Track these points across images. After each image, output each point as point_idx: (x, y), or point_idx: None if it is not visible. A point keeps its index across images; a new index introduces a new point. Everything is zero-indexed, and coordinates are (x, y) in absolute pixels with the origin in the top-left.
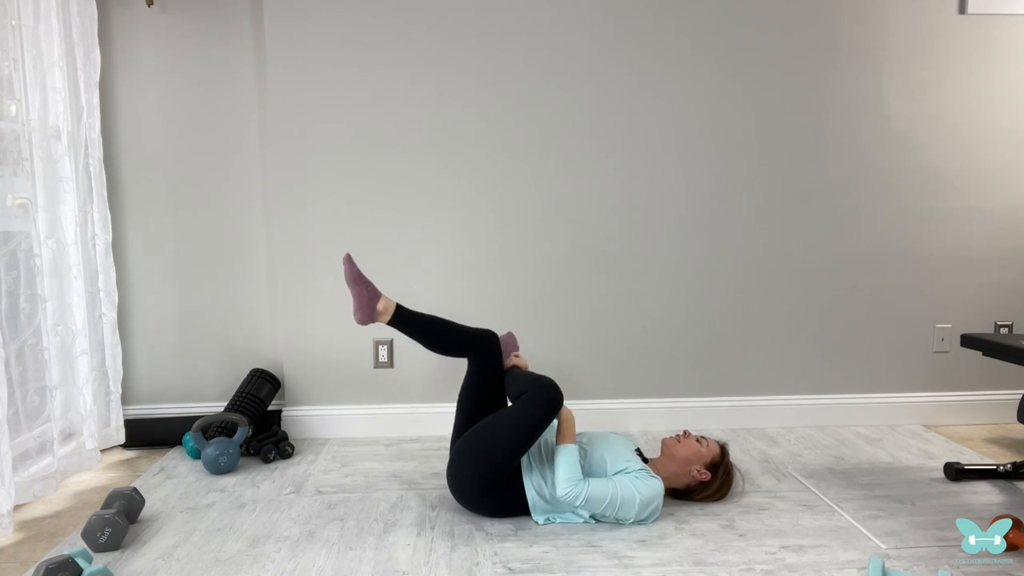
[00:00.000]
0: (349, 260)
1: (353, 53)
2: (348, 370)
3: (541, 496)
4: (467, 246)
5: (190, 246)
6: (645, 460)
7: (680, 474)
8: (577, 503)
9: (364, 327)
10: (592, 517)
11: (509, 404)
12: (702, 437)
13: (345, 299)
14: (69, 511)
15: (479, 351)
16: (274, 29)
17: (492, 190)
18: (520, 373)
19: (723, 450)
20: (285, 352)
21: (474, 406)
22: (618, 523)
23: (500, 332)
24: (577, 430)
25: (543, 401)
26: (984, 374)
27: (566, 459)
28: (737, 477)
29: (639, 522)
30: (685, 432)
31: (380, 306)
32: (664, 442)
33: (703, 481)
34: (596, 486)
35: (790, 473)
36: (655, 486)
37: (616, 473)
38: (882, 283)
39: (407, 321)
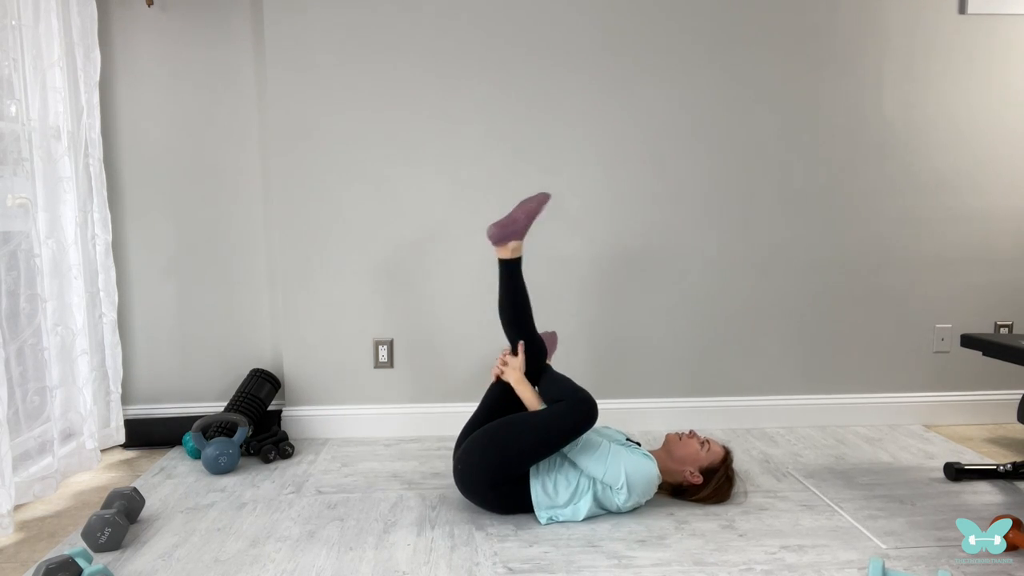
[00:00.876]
0: (546, 199)
1: (354, 53)
2: (348, 370)
3: (546, 494)
4: (469, 244)
5: (190, 246)
6: (638, 444)
7: (674, 471)
8: (567, 449)
9: (366, 330)
10: (596, 501)
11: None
12: (708, 440)
13: (344, 299)
14: (69, 511)
15: (529, 347)
16: (274, 29)
17: (496, 188)
18: (559, 378)
19: (724, 459)
20: (285, 352)
21: (495, 401)
22: (615, 494)
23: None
24: None
25: (577, 415)
26: (984, 374)
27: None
28: (738, 485)
29: (630, 491)
30: (691, 432)
31: (512, 245)
32: (668, 437)
33: (694, 484)
34: (591, 436)
35: (790, 473)
36: (649, 462)
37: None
38: (882, 283)
39: (513, 274)
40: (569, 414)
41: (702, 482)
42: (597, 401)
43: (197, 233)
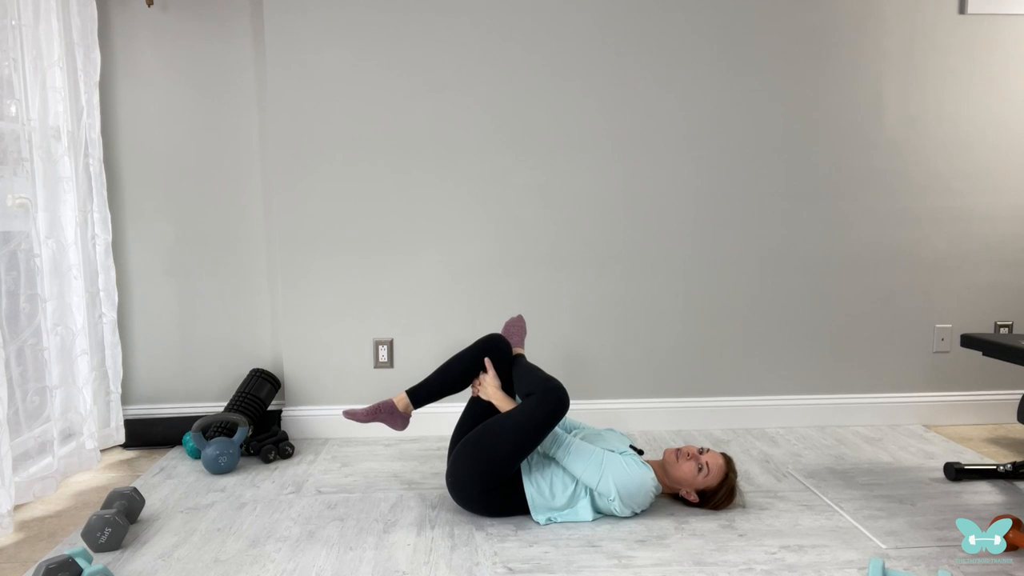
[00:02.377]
0: (349, 415)
1: (354, 52)
2: (348, 370)
3: (541, 495)
4: (468, 244)
5: (190, 246)
6: (640, 453)
7: (670, 487)
8: (560, 457)
9: (366, 330)
10: (594, 506)
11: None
12: (708, 462)
13: (344, 299)
14: (69, 511)
15: (493, 357)
16: (274, 28)
17: (494, 188)
18: (529, 369)
19: (722, 483)
20: (285, 352)
21: (480, 407)
22: (609, 503)
23: (501, 328)
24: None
25: (549, 405)
26: (984, 374)
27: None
28: (736, 500)
29: (623, 502)
30: (688, 453)
31: (400, 408)
32: (666, 453)
33: (691, 502)
34: (583, 443)
35: (790, 473)
36: (645, 473)
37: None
38: (882, 283)
39: (425, 393)
40: (541, 406)
41: (698, 501)
42: (598, 400)
43: (197, 233)
